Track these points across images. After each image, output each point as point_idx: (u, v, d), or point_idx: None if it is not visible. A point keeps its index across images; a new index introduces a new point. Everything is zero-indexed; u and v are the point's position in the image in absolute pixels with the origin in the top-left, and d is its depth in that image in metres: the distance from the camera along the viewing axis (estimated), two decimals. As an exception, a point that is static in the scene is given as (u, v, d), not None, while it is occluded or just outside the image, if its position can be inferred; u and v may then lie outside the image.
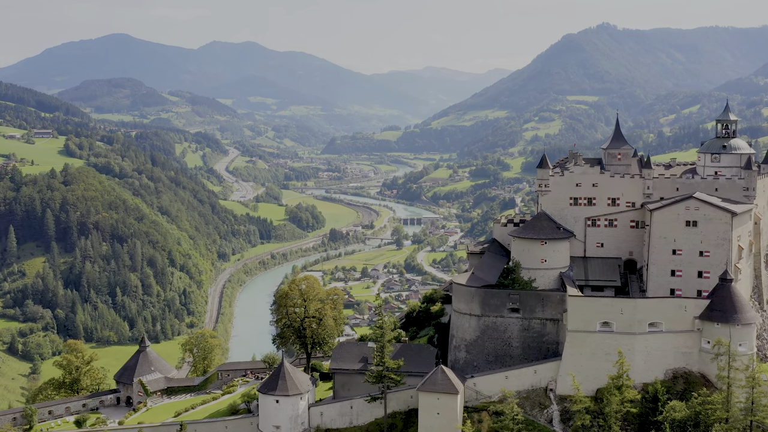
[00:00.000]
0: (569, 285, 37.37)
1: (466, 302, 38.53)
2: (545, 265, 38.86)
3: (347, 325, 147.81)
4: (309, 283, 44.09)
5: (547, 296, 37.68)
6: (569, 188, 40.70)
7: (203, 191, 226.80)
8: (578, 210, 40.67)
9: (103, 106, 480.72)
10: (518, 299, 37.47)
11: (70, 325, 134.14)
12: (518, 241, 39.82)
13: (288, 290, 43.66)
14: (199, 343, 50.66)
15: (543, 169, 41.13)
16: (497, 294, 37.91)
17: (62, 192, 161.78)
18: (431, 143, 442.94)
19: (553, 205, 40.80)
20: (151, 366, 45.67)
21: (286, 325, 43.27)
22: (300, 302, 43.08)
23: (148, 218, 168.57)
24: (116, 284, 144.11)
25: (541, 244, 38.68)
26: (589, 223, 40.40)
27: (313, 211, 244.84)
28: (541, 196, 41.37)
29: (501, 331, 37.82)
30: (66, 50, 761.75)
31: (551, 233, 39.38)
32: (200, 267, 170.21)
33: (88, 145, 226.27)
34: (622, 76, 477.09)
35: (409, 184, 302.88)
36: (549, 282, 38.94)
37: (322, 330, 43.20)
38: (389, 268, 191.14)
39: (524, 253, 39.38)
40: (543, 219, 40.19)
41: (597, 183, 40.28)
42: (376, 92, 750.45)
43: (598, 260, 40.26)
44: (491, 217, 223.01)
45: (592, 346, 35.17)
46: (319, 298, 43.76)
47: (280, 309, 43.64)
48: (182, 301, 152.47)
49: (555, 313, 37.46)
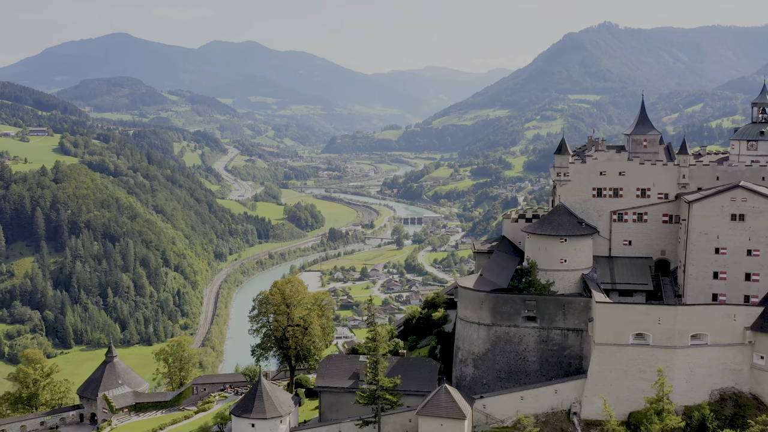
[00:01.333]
0: (594, 289, 32.10)
1: (473, 309, 33.34)
2: (565, 265, 33.67)
3: (345, 326, 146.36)
4: (293, 286, 38.48)
5: (570, 302, 32.22)
6: (592, 177, 35.36)
7: (200, 190, 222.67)
8: (602, 202, 35.37)
9: (102, 105, 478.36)
10: (535, 306, 32.13)
11: (59, 327, 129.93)
12: (534, 239, 34.48)
13: (269, 295, 38.20)
14: (175, 352, 44.88)
15: (562, 156, 35.62)
16: (511, 300, 32.60)
17: (53, 190, 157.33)
18: (432, 142, 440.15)
19: (574, 196, 35.44)
20: (119, 379, 40.50)
21: (267, 334, 38.12)
22: (283, 308, 37.61)
23: (141, 217, 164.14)
24: (107, 285, 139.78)
25: (560, 242, 33.32)
26: (615, 218, 35.12)
27: (313, 210, 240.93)
28: (559, 186, 35.94)
29: (515, 343, 32.56)
30: (66, 50, 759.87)
31: (572, 229, 33.98)
32: (195, 267, 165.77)
33: (83, 143, 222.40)
34: (624, 75, 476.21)
35: (410, 183, 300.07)
36: (569, 285, 33.78)
37: (308, 340, 37.75)
38: (389, 268, 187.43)
39: (540, 252, 34.14)
40: (562, 213, 34.67)
41: (624, 171, 34.94)
42: (377, 92, 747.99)
43: (626, 260, 35.05)
44: (493, 217, 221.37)
45: (624, 362, 29.74)
46: (305, 304, 38.33)
47: (260, 316, 38.55)
48: (176, 302, 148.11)
49: (578, 323, 31.99)
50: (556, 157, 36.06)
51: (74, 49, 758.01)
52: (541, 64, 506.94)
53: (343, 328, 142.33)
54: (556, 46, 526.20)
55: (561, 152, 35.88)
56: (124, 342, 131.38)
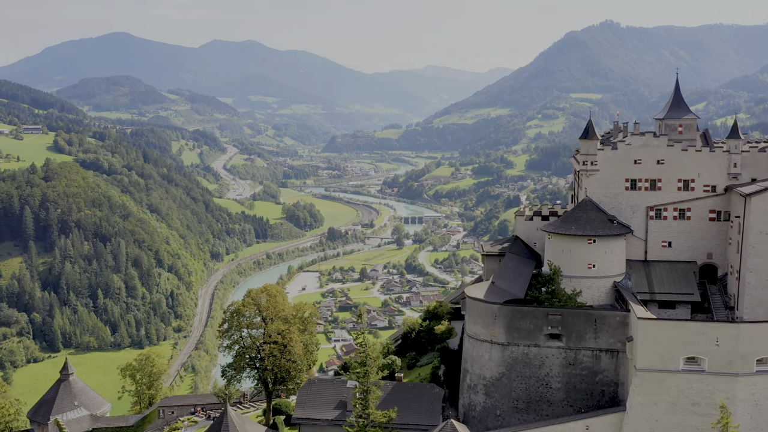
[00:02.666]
0: (631, 300, 26.55)
1: (485, 324, 27.50)
2: (593, 271, 27.81)
3: (343, 329, 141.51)
4: (270, 295, 32.56)
5: (603, 317, 26.36)
6: (625, 167, 29.65)
7: (197, 189, 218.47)
8: (637, 196, 29.69)
9: (101, 104, 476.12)
10: (560, 321, 26.23)
11: (47, 330, 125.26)
12: (556, 239, 28.67)
13: (241, 306, 32.26)
14: (144, 367, 38.53)
15: (588, 141, 29.80)
16: (531, 314, 26.78)
17: (42, 188, 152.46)
18: (433, 141, 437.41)
19: (603, 189, 29.67)
20: (75, 400, 35.05)
21: (240, 352, 32.08)
22: (258, 322, 32.24)
23: (134, 216, 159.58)
24: (98, 286, 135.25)
25: (588, 243, 27.50)
26: (652, 215, 29.39)
27: (312, 209, 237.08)
28: (584, 177, 30.13)
29: (535, 367, 26.71)
30: (66, 49, 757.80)
31: (602, 228, 28.15)
32: (190, 267, 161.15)
33: (78, 140, 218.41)
34: (626, 73, 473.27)
35: (411, 182, 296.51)
36: (599, 295, 28.05)
37: (287, 360, 31.70)
38: (389, 268, 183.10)
39: (564, 256, 28.34)
40: (589, 209, 28.85)
41: (663, 159, 29.10)
42: (378, 91, 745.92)
43: (666, 265, 29.29)
44: (495, 216, 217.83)
45: (673, 392, 24.05)
46: (284, 317, 32.40)
47: (231, 331, 32.46)
48: (169, 304, 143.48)
49: (613, 342, 26.17)
50: (582, 142, 30.28)
51: (74, 48, 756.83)
52: (542, 63, 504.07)
53: (342, 331, 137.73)
54: (557, 44, 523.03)
55: (588, 137, 30.05)
56: (115, 345, 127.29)
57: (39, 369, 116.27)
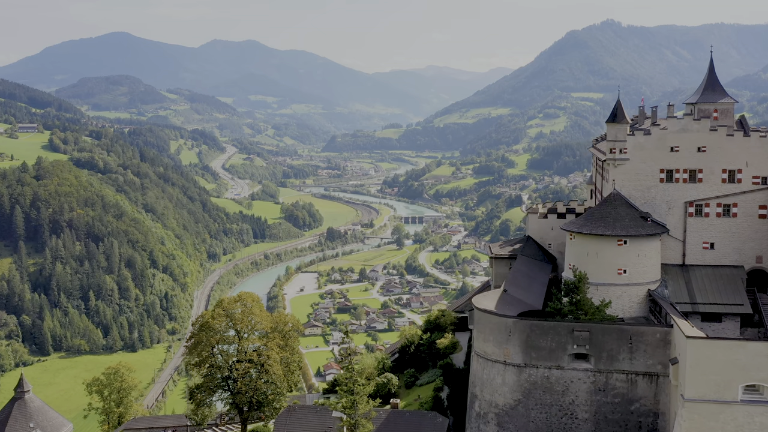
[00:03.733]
0: (672, 313, 22.12)
1: (497, 342, 22.93)
2: (625, 278, 23.45)
3: (342, 332, 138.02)
4: (245, 306, 28.02)
5: (640, 334, 21.74)
6: (660, 155, 25.22)
7: (194, 188, 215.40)
8: (674, 190, 25.28)
9: (100, 104, 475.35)
10: (589, 338, 21.61)
11: (36, 333, 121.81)
12: (579, 240, 24.28)
13: (210, 318, 27.52)
14: (112, 382, 34.17)
15: (617, 125, 25.36)
16: (553, 329, 22.16)
17: (33, 187, 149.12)
18: (433, 141, 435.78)
19: (633, 181, 25.32)
20: (30, 421, 30.64)
21: (210, 373, 27.32)
22: (230, 337, 27.56)
23: (128, 216, 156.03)
24: (89, 288, 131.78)
25: (618, 245, 23.15)
26: (691, 211, 24.96)
27: (310, 209, 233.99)
28: (612, 167, 25.68)
29: (558, 393, 22.08)
30: (66, 49, 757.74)
31: (634, 226, 23.71)
32: (185, 268, 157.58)
33: (74, 139, 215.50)
34: (628, 72, 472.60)
35: (411, 182, 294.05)
36: (630, 306, 23.71)
37: (264, 382, 26.99)
38: (389, 269, 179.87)
39: (589, 260, 23.90)
40: (618, 204, 24.37)
41: (705, 146, 24.71)
42: (378, 91, 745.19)
43: (708, 271, 24.94)
44: (496, 216, 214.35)
45: (731, 427, 19.47)
46: (261, 330, 28.02)
47: (199, 347, 27.49)
48: (163, 306, 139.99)
49: (653, 364, 21.64)
50: (609, 126, 25.81)
51: (74, 48, 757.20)
52: (543, 62, 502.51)
53: (340, 333, 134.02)
54: (558, 43, 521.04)
55: (616, 120, 25.46)
56: (107, 348, 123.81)
57: (28, 373, 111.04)
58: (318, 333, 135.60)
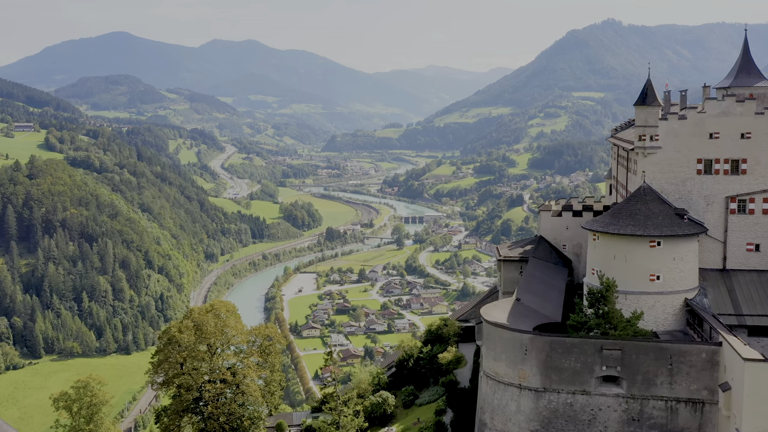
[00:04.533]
0: (721, 329, 18.59)
1: (510, 361, 19.32)
2: (658, 285, 20.08)
3: (341, 334, 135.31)
4: (218, 316, 24.53)
5: (682, 353, 18.11)
6: (697, 142, 21.95)
7: (191, 187, 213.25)
8: (713, 183, 22.05)
9: (99, 103, 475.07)
10: (620, 358, 18.02)
11: (28, 335, 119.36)
12: (605, 241, 20.97)
13: (177, 332, 23.96)
14: (82, 397, 30.27)
15: (647, 108, 22.19)
16: (578, 347, 18.54)
17: (26, 186, 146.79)
18: (433, 141, 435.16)
19: (666, 173, 22.05)
20: None
21: (178, 394, 23.86)
22: (201, 353, 23.72)
23: (123, 215, 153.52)
24: (83, 289, 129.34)
25: (650, 246, 19.83)
26: (733, 208, 21.77)
27: (310, 209, 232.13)
28: (641, 157, 22.44)
29: (584, 423, 18.45)
30: (66, 48, 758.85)
31: (669, 225, 20.44)
32: (181, 269, 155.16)
33: (70, 138, 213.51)
34: (628, 72, 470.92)
35: (411, 182, 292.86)
36: (665, 318, 20.35)
37: (239, 405, 23.41)
38: (389, 269, 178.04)
39: (616, 264, 20.60)
40: (649, 199, 21.16)
41: (750, 132, 21.42)
42: (378, 91, 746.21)
43: (753, 277, 21.67)
44: (497, 215, 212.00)
45: None
46: (237, 345, 24.71)
47: (165, 365, 24.32)
48: (159, 307, 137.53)
49: (697, 389, 18.02)
50: (638, 110, 22.55)
51: (74, 47, 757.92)
52: (543, 62, 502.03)
53: (339, 335, 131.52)
54: (559, 43, 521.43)
55: (646, 102, 22.34)
56: (100, 351, 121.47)
57: (19, 376, 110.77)
58: (316, 335, 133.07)
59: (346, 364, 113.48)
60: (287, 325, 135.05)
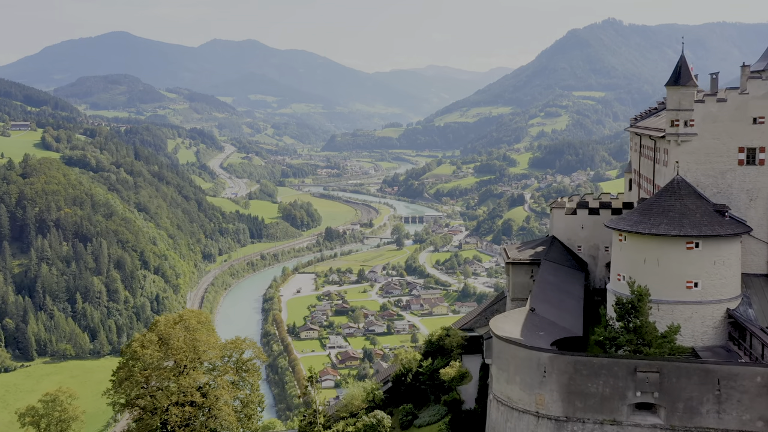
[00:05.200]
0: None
1: (526, 384, 16.16)
2: (696, 293, 17.10)
3: (340, 335, 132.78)
4: (187, 329, 20.54)
5: (732, 376, 15.14)
6: (738, 129, 19.03)
7: (189, 187, 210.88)
8: (757, 175, 18.94)
9: (98, 103, 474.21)
10: (658, 382, 15.00)
11: (20, 337, 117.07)
12: (633, 242, 17.95)
13: (139, 347, 20.57)
14: (50, 412, 27.22)
15: (681, 89, 19.14)
16: (607, 369, 15.40)
17: (19, 185, 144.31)
18: (434, 140, 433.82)
19: (702, 164, 19.10)
20: None
21: (140, 418, 20.68)
22: (167, 371, 20.23)
23: (118, 215, 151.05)
24: (76, 290, 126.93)
25: (687, 248, 16.80)
26: None
27: (309, 208, 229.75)
28: (673, 146, 19.36)
29: None
30: (66, 48, 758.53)
31: (709, 224, 17.50)
32: (178, 269, 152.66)
33: (66, 137, 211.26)
34: (629, 71, 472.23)
35: (411, 181, 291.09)
36: (704, 332, 17.30)
37: (210, 431, 20.31)
38: (388, 269, 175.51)
39: (646, 269, 17.57)
40: (684, 194, 18.24)
41: None
42: (378, 90, 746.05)
43: None
44: (498, 215, 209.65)
45: None
46: (209, 362, 20.88)
47: (126, 384, 21.08)
48: (154, 308, 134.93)
49: (751, 420, 15.00)
50: (671, 91, 19.37)
51: (74, 47, 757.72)
52: (544, 61, 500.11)
53: (337, 337, 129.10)
54: (559, 42, 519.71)
55: (680, 82, 19.22)
56: (94, 353, 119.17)
57: (10, 379, 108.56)
58: (315, 336, 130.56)
59: (345, 366, 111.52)
60: (285, 327, 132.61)
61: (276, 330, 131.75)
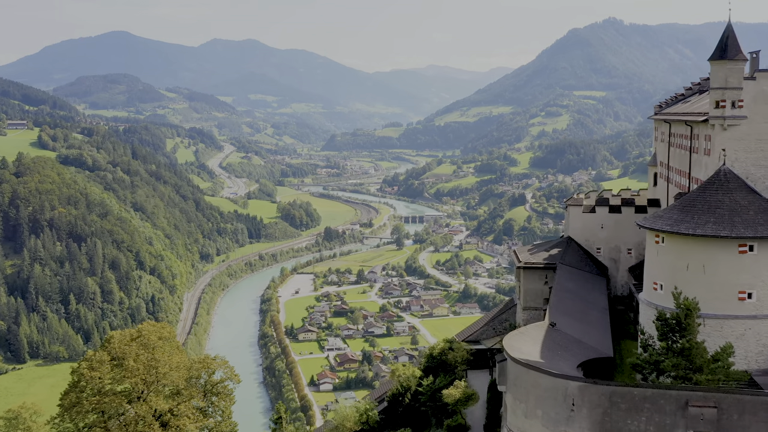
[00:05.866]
0: None
1: (549, 419, 12.85)
2: (751, 306, 14.16)
3: (338, 337, 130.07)
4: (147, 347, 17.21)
5: None
6: None
7: (187, 186, 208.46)
8: None
9: (98, 102, 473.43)
10: (715, 419, 11.60)
11: (12, 339, 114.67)
12: (673, 245, 14.88)
13: (88, 370, 17.08)
14: (12, 428, 23.41)
15: (727, 64, 16.34)
16: (651, 402, 11.98)
17: (13, 184, 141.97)
18: (434, 140, 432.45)
19: (752, 152, 15.99)
20: None
21: None
22: (118, 398, 16.95)
23: (113, 215, 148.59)
24: (70, 290, 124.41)
25: (739, 251, 13.97)
26: None
27: (308, 208, 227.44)
28: (717, 132, 16.22)
29: None
30: (65, 48, 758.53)
31: (765, 222, 14.68)
32: (174, 270, 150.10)
33: (63, 136, 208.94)
34: (630, 71, 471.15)
35: (411, 181, 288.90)
36: (759, 352, 14.32)
37: None
38: (388, 270, 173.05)
39: (689, 277, 14.56)
40: (732, 187, 15.39)
41: None
42: (378, 90, 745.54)
43: None
44: (499, 215, 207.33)
45: None
46: (172, 385, 17.37)
47: (73, 411, 17.36)
48: (150, 309, 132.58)
49: None
50: (716, 66, 16.44)
51: (73, 47, 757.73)
52: (545, 61, 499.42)
53: (336, 339, 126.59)
54: (560, 42, 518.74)
55: (726, 55, 16.70)
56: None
57: (1, 382, 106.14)
58: (313, 338, 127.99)
59: (344, 369, 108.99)
60: (283, 328, 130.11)
61: (274, 332, 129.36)
